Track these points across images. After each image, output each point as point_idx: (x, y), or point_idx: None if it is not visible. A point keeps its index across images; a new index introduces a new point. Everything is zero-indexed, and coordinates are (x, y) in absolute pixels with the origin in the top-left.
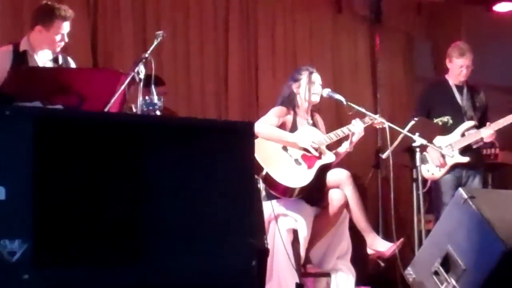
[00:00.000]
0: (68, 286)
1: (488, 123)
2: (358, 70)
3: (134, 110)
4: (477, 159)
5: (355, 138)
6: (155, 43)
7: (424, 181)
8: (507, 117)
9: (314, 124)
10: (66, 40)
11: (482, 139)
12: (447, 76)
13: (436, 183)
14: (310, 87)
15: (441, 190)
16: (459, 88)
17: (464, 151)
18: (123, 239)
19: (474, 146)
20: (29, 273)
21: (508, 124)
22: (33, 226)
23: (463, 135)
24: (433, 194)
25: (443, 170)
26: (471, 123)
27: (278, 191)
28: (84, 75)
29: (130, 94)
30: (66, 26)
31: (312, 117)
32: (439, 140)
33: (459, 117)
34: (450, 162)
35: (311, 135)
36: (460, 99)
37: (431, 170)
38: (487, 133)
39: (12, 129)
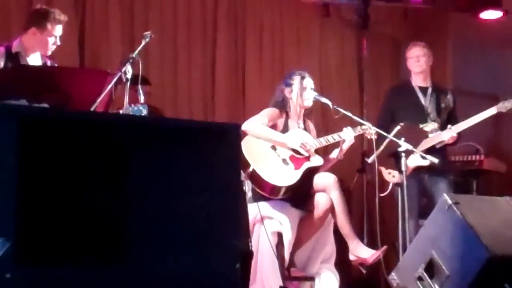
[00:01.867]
0: (50, 285)
1: (449, 126)
2: (345, 74)
3: None
4: (442, 164)
5: (345, 146)
6: (143, 43)
7: (386, 184)
8: (468, 120)
9: (305, 129)
10: (59, 43)
11: (443, 141)
12: (411, 78)
13: (397, 186)
14: (302, 92)
15: (402, 193)
16: (423, 89)
17: (428, 154)
18: (107, 240)
19: (438, 146)
20: (11, 271)
21: (471, 126)
22: (15, 225)
23: (425, 137)
24: (395, 198)
25: (404, 174)
26: (434, 125)
27: (264, 189)
28: (71, 74)
29: (117, 94)
30: (59, 29)
31: (304, 122)
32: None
33: (422, 118)
34: (411, 165)
35: (301, 137)
36: (424, 100)
37: (392, 173)
38: (448, 135)
39: None
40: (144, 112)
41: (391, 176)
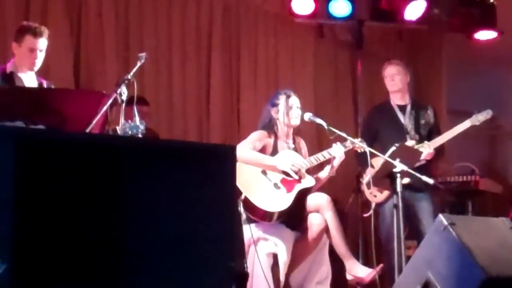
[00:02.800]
0: None
1: (426, 142)
2: (339, 95)
3: (119, 132)
4: (420, 182)
5: (336, 162)
6: (138, 64)
7: (368, 204)
8: (443, 135)
9: (296, 148)
10: (38, 57)
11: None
12: (389, 98)
13: (379, 206)
14: (288, 112)
15: (383, 213)
16: (402, 107)
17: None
18: (103, 262)
19: (416, 165)
20: None
21: (447, 141)
22: (12, 247)
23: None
24: (379, 218)
25: (385, 193)
26: (412, 142)
27: (257, 215)
28: (67, 96)
29: (112, 115)
30: (41, 43)
31: (294, 141)
32: (379, 160)
33: (402, 136)
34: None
35: (291, 158)
36: (403, 118)
37: (374, 192)
38: (425, 152)
39: None
40: (142, 127)
41: (373, 196)
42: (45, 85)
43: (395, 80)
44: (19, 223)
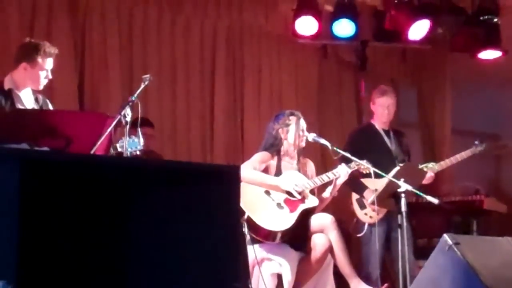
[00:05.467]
0: None
1: (431, 163)
2: (343, 115)
3: (119, 149)
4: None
5: (339, 182)
6: (142, 86)
7: (362, 225)
8: (447, 160)
9: (300, 169)
10: (50, 77)
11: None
12: (372, 121)
13: (370, 227)
14: (299, 133)
15: (367, 234)
16: (386, 132)
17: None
18: (108, 282)
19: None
20: None
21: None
22: (17, 268)
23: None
24: (366, 238)
25: (380, 215)
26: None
27: (261, 235)
28: (71, 118)
29: (117, 137)
30: (49, 63)
31: (299, 162)
32: (371, 183)
33: (390, 161)
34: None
35: (295, 178)
36: (389, 143)
37: (369, 213)
38: (428, 175)
39: None
40: (141, 143)
41: (368, 217)
42: (40, 100)
43: (390, 111)
44: (24, 244)
